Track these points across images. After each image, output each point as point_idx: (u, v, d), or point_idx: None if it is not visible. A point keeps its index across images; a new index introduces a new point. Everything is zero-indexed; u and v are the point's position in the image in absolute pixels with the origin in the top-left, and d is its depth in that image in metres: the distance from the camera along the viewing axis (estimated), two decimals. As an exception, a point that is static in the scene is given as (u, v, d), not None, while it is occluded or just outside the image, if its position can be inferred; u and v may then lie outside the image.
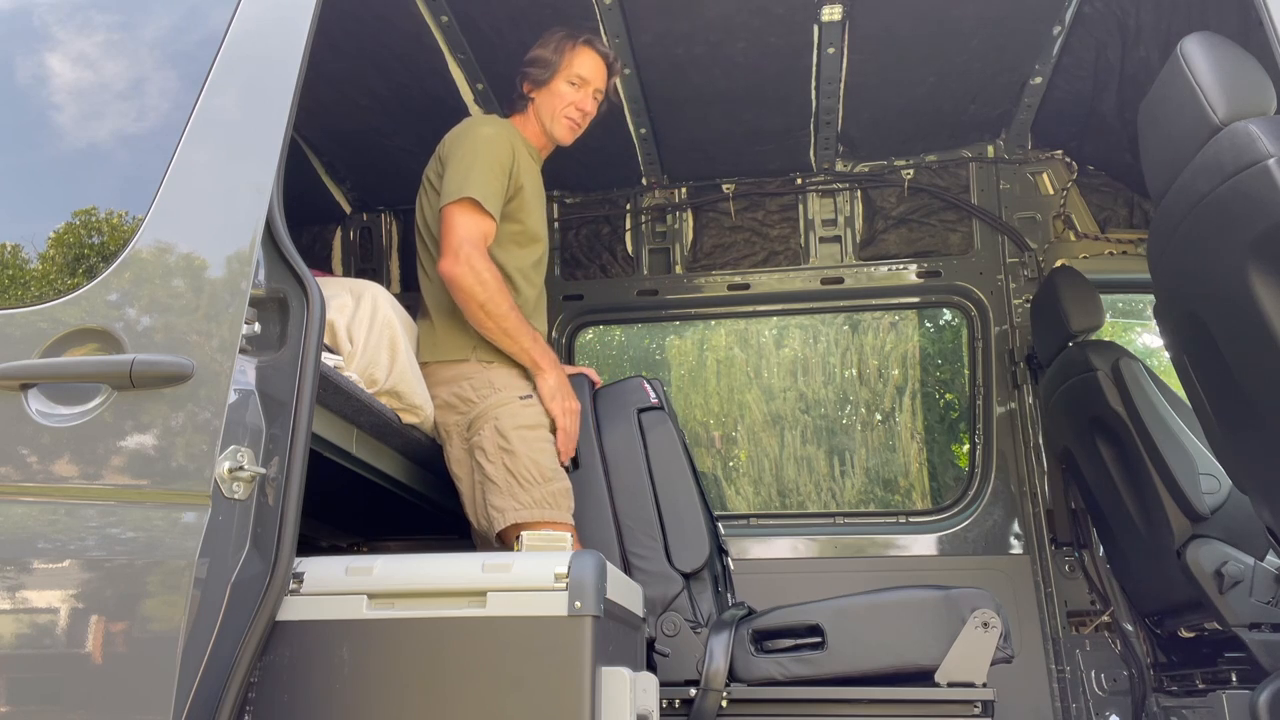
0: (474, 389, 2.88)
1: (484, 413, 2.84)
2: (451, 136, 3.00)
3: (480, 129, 2.99)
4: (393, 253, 4.67)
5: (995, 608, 2.70)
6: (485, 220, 2.83)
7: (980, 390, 4.21)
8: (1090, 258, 4.14)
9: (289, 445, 1.89)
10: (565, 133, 3.12)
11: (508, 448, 2.79)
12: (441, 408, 2.92)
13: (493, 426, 2.81)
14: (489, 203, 2.82)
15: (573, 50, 3.05)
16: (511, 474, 2.76)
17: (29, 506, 1.86)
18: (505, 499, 2.75)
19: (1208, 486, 3.20)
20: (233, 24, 2.14)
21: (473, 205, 2.80)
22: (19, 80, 2.29)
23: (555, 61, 3.05)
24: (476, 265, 2.76)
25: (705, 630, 2.87)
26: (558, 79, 3.06)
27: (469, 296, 2.77)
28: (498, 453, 2.79)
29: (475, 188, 2.80)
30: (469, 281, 2.76)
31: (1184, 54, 2.20)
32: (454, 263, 2.76)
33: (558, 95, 3.07)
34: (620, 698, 1.84)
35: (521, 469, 2.77)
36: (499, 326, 2.81)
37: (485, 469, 2.80)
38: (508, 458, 2.78)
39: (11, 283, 2.06)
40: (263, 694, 1.83)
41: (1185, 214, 2.23)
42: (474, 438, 2.84)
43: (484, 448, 2.80)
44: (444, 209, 2.83)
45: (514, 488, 2.76)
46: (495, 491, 2.77)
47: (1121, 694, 3.68)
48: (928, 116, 4.03)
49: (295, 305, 1.95)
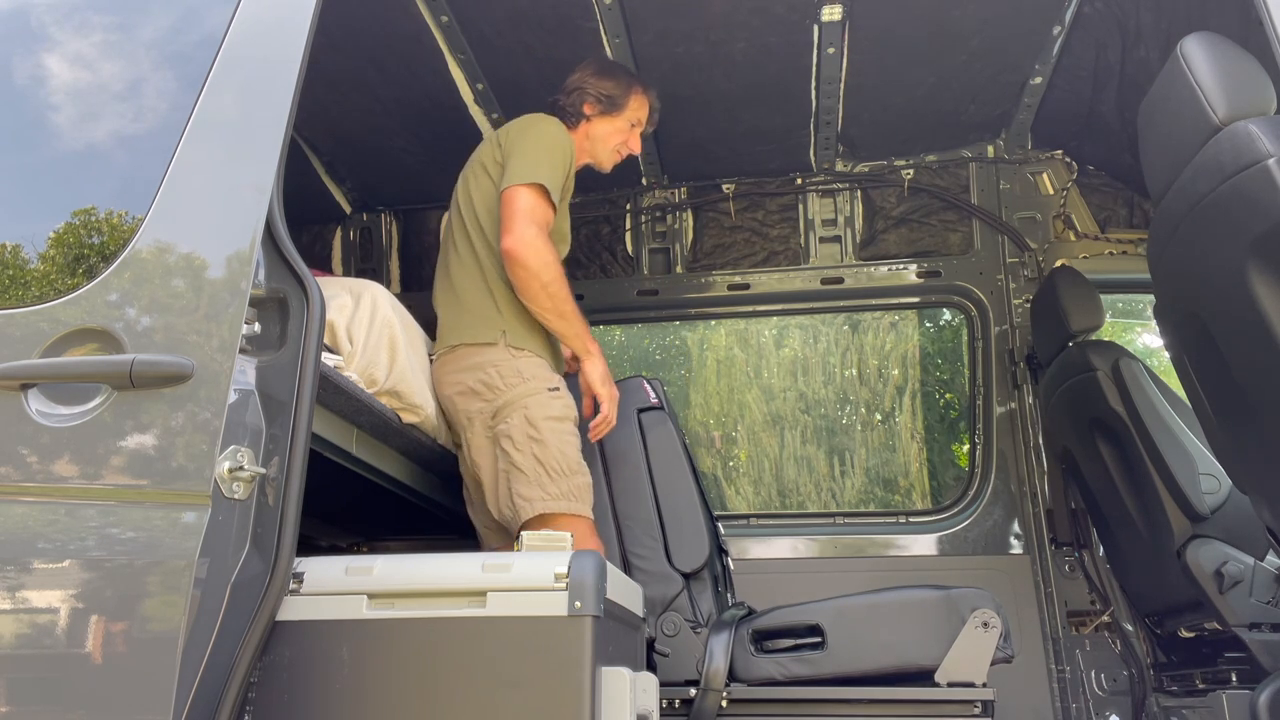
0: (501, 376, 2.86)
1: (513, 401, 2.83)
2: (518, 125, 3.06)
3: (551, 125, 3.06)
4: (393, 253, 4.67)
5: (995, 608, 2.70)
6: (549, 208, 2.90)
7: (980, 390, 4.21)
8: (1090, 258, 4.13)
9: (289, 445, 1.89)
10: (609, 162, 3.30)
11: (537, 437, 2.78)
12: (464, 394, 2.89)
13: (522, 415, 2.80)
14: (554, 193, 2.90)
15: (639, 95, 3.26)
16: (540, 464, 2.75)
17: (29, 506, 1.86)
18: (533, 488, 2.74)
19: (1208, 486, 3.20)
20: (232, 24, 2.14)
21: (541, 191, 2.86)
22: (20, 80, 2.29)
23: (622, 100, 3.22)
24: (541, 246, 2.81)
25: (705, 630, 2.87)
26: (621, 116, 3.23)
27: (533, 275, 2.81)
28: (527, 441, 2.77)
29: (545, 176, 2.87)
30: (535, 261, 2.80)
31: (1184, 54, 2.20)
32: (520, 241, 2.79)
33: (616, 130, 3.24)
34: (620, 698, 1.84)
35: (551, 459, 2.77)
36: (557, 308, 2.86)
37: (513, 457, 2.77)
38: (537, 447, 2.77)
39: (11, 283, 2.06)
40: (263, 694, 1.83)
41: (1185, 214, 2.23)
42: (500, 425, 2.82)
43: (512, 436, 2.79)
44: (511, 189, 2.86)
45: (542, 478, 2.75)
46: (523, 481, 2.75)
47: (1121, 694, 3.68)
48: (928, 116, 4.03)
49: (295, 305, 1.95)
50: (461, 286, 3.01)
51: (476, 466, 2.89)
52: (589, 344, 2.95)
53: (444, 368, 2.97)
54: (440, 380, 2.97)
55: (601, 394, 2.93)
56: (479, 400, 2.88)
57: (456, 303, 3.01)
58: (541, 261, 2.81)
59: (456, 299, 3.01)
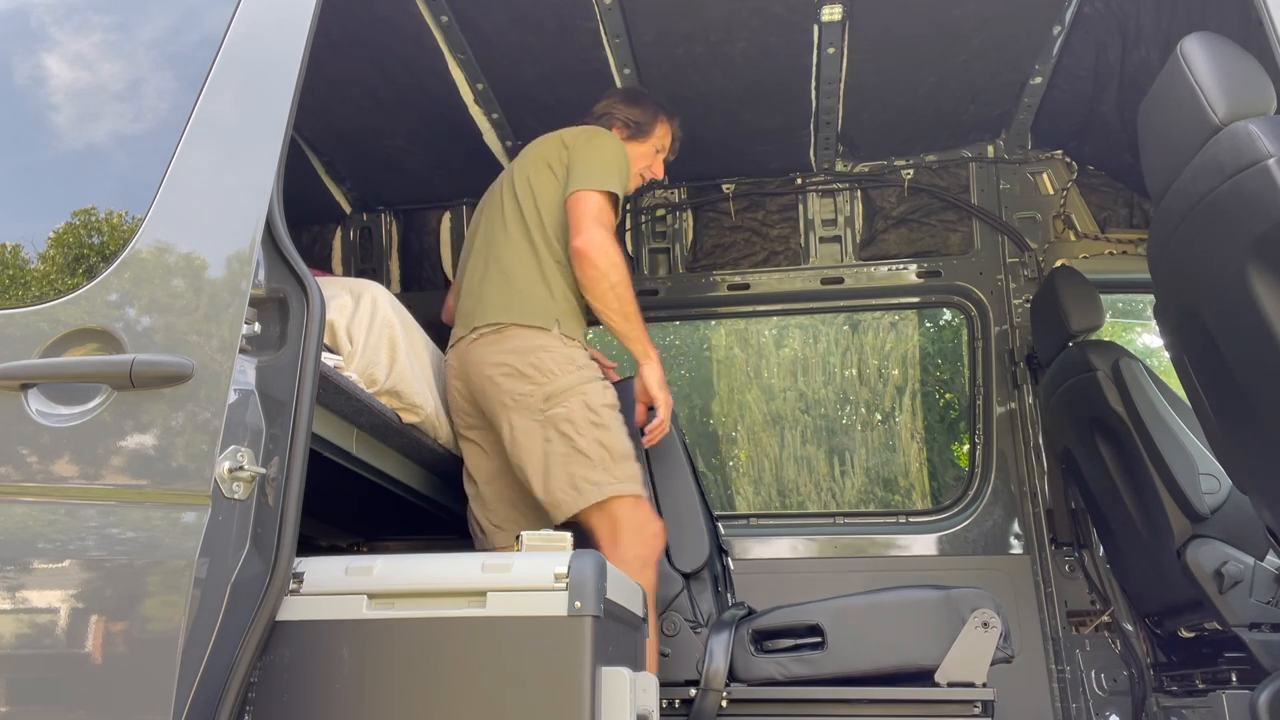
0: (555, 362, 2.87)
1: (570, 387, 2.83)
2: (586, 132, 3.14)
3: (617, 139, 3.18)
4: (393, 252, 4.67)
5: (995, 608, 2.71)
6: (615, 214, 2.99)
7: (980, 390, 4.21)
8: (1090, 258, 4.13)
9: (289, 445, 1.88)
10: (631, 186, 3.33)
11: (600, 422, 2.80)
12: (510, 375, 2.86)
13: (582, 401, 2.81)
14: (618, 203, 3.00)
15: (664, 123, 3.40)
16: (605, 448, 2.77)
17: (29, 506, 1.86)
18: (599, 472, 2.74)
19: (1208, 486, 3.20)
20: (232, 24, 2.14)
21: (609, 198, 2.95)
22: (20, 80, 2.29)
23: (649, 127, 3.35)
24: (611, 248, 2.89)
25: (705, 630, 2.88)
26: (648, 142, 3.35)
27: (602, 275, 2.87)
28: (589, 427, 2.78)
29: (616, 185, 2.97)
30: (604, 262, 2.87)
31: (1184, 54, 2.20)
32: (591, 242, 2.87)
33: (642, 155, 3.35)
34: (620, 698, 1.84)
35: (614, 444, 2.80)
36: (622, 309, 2.92)
37: (575, 441, 2.77)
38: (601, 432, 2.79)
39: (11, 283, 2.06)
40: (263, 694, 1.83)
41: (1185, 214, 2.23)
42: (556, 409, 2.80)
43: (573, 420, 2.78)
44: (584, 193, 2.93)
45: (607, 462, 2.76)
46: (587, 465, 2.75)
47: (1121, 694, 3.68)
48: (928, 116, 4.03)
49: (295, 305, 1.95)
50: (514, 271, 3.01)
51: (521, 449, 2.83)
52: (649, 348, 2.99)
53: (487, 347, 2.93)
54: (479, 359, 2.93)
55: (659, 398, 2.96)
56: (528, 383, 2.84)
57: (505, 284, 3.00)
58: (610, 262, 2.88)
59: (506, 281, 3.00)
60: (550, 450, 2.79)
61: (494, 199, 3.23)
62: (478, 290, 3.06)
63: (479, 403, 2.96)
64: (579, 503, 2.75)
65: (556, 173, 3.06)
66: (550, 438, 2.80)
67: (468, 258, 3.22)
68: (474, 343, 2.97)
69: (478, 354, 2.95)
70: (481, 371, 2.92)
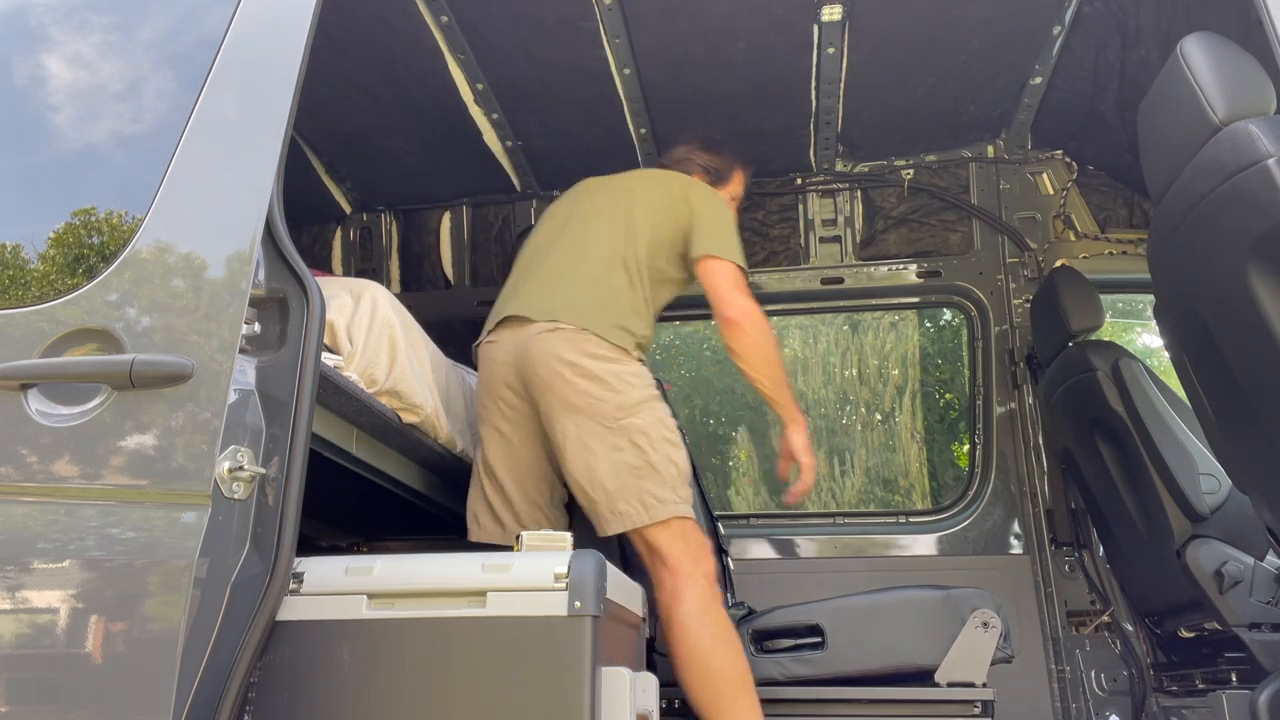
0: (632, 375, 2.82)
1: (645, 400, 2.79)
2: (705, 192, 3.17)
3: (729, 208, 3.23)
4: (393, 252, 4.67)
5: (995, 608, 2.71)
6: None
7: (980, 390, 4.21)
8: (1090, 258, 4.13)
9: (289, 445, 1.88)
10: None
11: (674, 441, 2.78)
12: (585, 376, 2.78)
13: (656, 416, 2.78)
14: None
15: (740, 172, 3.46)
16: (676, 467, 2.75)
17: (29, 506, 1.86)
18: (668, 490, 2.71)
19: (1208, 486, 3.20)
20: (232, 24, 2.14)
21: (742, 271, 3.02)
22: (20, 80, 2.29)
23: (727, 174, 3.40)
24: (760, 318, 2.96)
25: (705, 630, 2.87)
26: (725, 190, 3.36)
27: (756, 345, 2.94)
28: (664, 444, 2.75)
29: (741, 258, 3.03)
30: (757, 332, 2.94)
31: (1184, 54, 2.20)
32: (743, 313, 2.93)
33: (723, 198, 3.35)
34: (620, 698, 1.84)
35: (684, 465, 2.78)
36: (773, 375, 2.96)
37: (649, 455, 2.71)
38: (674, 451, 2.76)
39: (11, 283, 2.06)
40: (263, 694, 1.83)
41: (1185, 214, 2.23)
42: (631, 419, 2.74)
43: (648, 433, 2.74)
44: (721, 261, 2.98)
45: (676, 482, 2.73)
46: (657, 481, 2.70)
47: (1121, 694, 3.68)
48: (928, 116, 4.03)
49: (295, 305, 1.95)
50: (607, 286, 2.94)
51: (584, 452, 2.74)
52: (796, 412, 3.01)
53: (564, 342, 2.83)
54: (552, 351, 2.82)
55: (805, 462, 2.96)
56: (604, 389, 2.77)
57: (595, 294, 2.92)
58: (762, 332, 2.94)
59: (596, 291, 2.93)
60: (619, 460, 2.71)
61: (596, 206, 3.15)
62: (561, 285, 2.97)
63: (532, 393, 2.86)
64: (644, 519, 2.69)
65: (673, 218, 3.05)
66: (621, 447, 2.72)
67: (549, 244, 3.13)
68: (548, 333, 2.85)
69: (551, 345, 2.84)
70: (551, 365, 2.81)
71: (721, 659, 2.56)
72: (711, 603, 2.64)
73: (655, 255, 3.04)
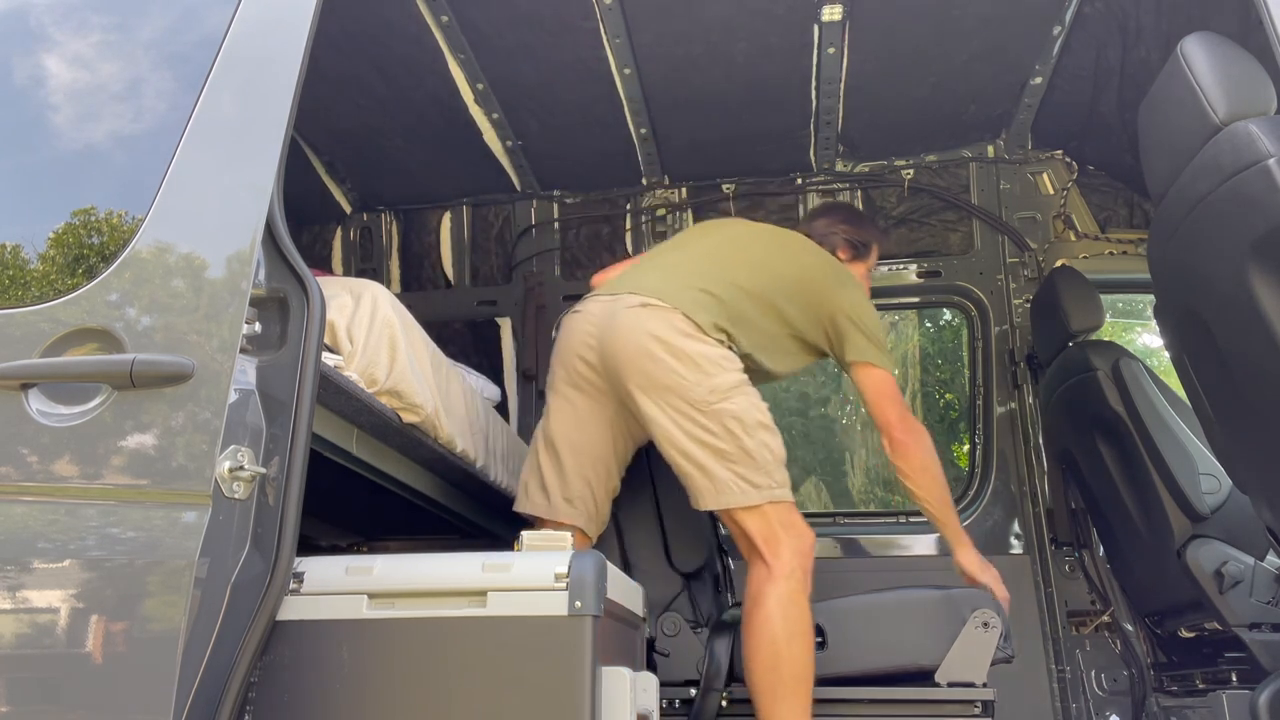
0: (723, 358, 2.77)
1: (737, 385, 2.75)
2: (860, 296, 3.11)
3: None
4: (393, 252, 4.68)
5: (995, 608, 2.71)
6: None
7: (980, 390, 4.21)
8: (1090, 258, 4.13)
9: (289, 445, 1.88)
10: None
11: (768, 425, 2.75)
12: (675, 355, 2.71)
13: (749, 401, 2.75)
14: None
15: (879, 245, 3.45)
16: (772, 453, 2.72)
17: (29, 506, 1.86)
18: (764, 476, 2.69)
19: (1208, 486, 3.20)
20: (232, 24, 2.14)
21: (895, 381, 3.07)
22: (20, 80, 2.28)
23: (869, 247, 3.38)
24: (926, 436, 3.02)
25: (705, 630, 2.88)
26: (865, 263, 3.38)
27: (924, 466, 2.99)
28: (758, 428, 2.71)
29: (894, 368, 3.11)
30: (923, 451, 3.00)
31: (1184, 54, 2.20)
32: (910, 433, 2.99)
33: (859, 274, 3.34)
34: (620, 698, 1.84)
35: (778, 449, 2.75)
36: (942, 496, 3.01)
37: (743, 441, 2.68)
38: (768, 435, 2.73)
39: (12, 283, 2.06)
40: (263, 694, 1.83)
41: (1185, 214, 2.23)
42: (723, 404, 2.70)
43: (742, 419, 2.70)
44: (883, 372, 3.02)
45: (771, 466, 2.71)
46: (753, 467, 2.68)
47: (1121, 694, 3.68)
48: (928, 116, 4.03)
49: (295, 305, 1.95)
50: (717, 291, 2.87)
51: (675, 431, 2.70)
52: (961, 533, 3.05)
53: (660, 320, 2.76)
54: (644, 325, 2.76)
55: (984, 579, 2.95)
56: (696, 371, 2.71)
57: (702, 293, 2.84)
58: (930, 453, 2.99)
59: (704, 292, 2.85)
60: (711, 442, 2.68)
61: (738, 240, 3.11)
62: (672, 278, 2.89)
63: (612, 368, 2.80)
64: (738, 501, 2.68)
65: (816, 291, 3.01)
66: (715, 431, 2.68)
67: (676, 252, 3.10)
68: (639, 308, 2.79)
69: (640, 319, 2.77)
70: (639, 339, 2.74)
71: (792, 654, 2.57)
72: (800, 595, 2.64)
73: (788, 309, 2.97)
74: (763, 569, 2.65)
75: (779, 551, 2.65)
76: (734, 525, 2.72)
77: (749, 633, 2.61)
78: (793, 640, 2.57)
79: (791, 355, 3.05)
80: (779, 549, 2.65)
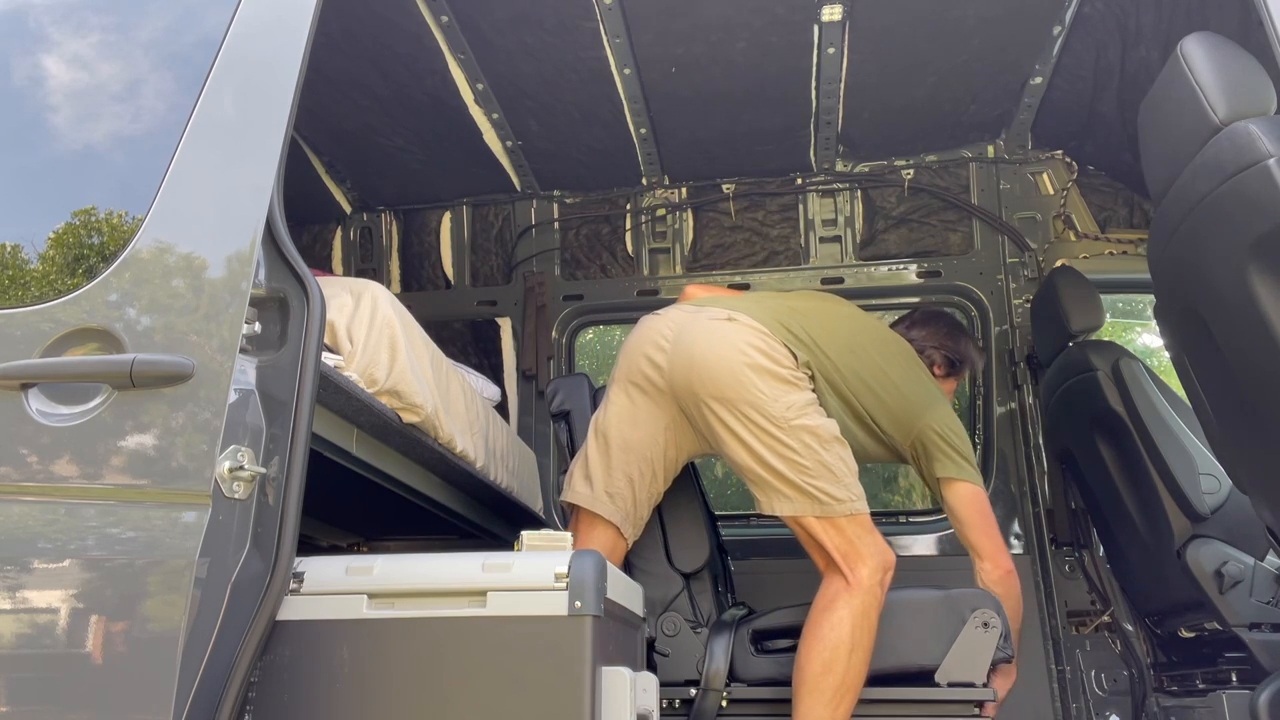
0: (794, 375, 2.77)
1: (812, 401, 2.76)
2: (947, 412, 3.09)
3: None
4: (393, 252, 4.68)
5: (995, 608, 2.71)
6: None
7: (980, 390, 4.21)
8: (1090, 258, 4.13)
9: (289, 445, 1.88)
10: None
11: (842, 440, 2.77)
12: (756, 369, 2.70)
13: (825, 417, 2.77)
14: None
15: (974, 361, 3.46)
16: (848, 466, 2.74)
17: (29, 506, 1.86)
18: (841, 489, 2.70)
19: (1208, 486, 3.20)
20: (232, 24, 2.14)
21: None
22: (20, 81, 2.29)
23: (965, 364, 3.38)
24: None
25: (705, 630, 2.87)
26: (958, 379, 3.40)
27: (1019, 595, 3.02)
28: (834, 443, 2.73)
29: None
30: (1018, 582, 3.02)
31: (1184, 54, 2.20)
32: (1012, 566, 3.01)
33: (949, 390, 3.36)
34: (620, 698, 1.84)
35: (853, 463, 2.77)
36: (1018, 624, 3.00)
37: (821, 454, 2.69)
38: (844, 450, 2.76)
39: (11, 283, 2.06)
40: (263, 694, 1.83)
41: (1185, 214, 2.23)
42: (800, 420, 2.70)
43: (817, 433, 2.71)
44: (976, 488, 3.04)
45: (847, 479, 2.72)
46: (831, 480, 2.69)
47: (1121, 694, 3.68)
48: (928, 116, 4.03)
49: (295, 305, 1.95)
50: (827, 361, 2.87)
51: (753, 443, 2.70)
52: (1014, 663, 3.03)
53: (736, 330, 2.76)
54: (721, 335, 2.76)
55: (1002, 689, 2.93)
56: (776, 386, 2.71)
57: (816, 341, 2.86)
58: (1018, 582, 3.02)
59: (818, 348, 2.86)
60: (791, 457, 2.68)
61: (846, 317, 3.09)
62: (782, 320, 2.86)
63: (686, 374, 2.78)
64: (818, 511, 2.69)
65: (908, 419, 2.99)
66: (794, 446, 2.68)
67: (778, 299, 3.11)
68: (722, 321, 2.80)
69: (721, 330, 2.78)
70: (718, 349, 2.73)
71: (852, 665, 2.58)
72: (873, 612, 2.65)
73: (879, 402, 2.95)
74: (840, 581, 2.67)
75: (857, 568, 2.66)
76: (807, 536, 2.74)
77: (812, 633, 2.62)
78: (855, 652, 2.59)
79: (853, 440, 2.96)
80: (857, 565, 2.66)
